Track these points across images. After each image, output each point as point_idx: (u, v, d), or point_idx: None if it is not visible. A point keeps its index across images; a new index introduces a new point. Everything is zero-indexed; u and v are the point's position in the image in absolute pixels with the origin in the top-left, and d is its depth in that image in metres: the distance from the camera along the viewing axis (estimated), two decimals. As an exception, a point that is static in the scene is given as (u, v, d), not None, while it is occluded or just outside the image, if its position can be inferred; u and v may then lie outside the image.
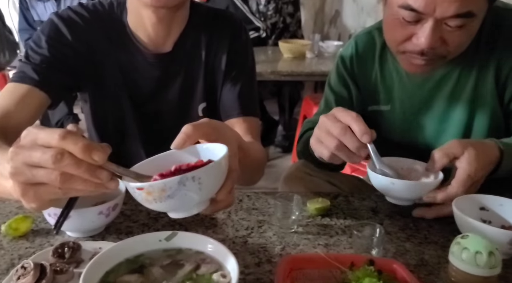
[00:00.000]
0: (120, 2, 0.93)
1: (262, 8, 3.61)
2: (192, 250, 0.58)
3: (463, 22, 0.77)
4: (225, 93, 0.96)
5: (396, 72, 0.98)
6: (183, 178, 0.48)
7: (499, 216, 0.75)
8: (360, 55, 1.02)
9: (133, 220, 0.78)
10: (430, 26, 0.77)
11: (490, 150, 0.76)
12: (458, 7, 0.74)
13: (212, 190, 0.53)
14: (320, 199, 0.83)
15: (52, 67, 0.85)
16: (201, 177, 0.49)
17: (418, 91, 0.95)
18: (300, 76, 2.47)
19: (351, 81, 1.03)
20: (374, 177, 0.79)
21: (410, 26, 0.80)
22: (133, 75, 0.93)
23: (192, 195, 0.50)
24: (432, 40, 0.78)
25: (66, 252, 0.62)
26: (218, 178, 0.53)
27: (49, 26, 0.89)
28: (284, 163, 2.93)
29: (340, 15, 4.11)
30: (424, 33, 0.78)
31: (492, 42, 0.88)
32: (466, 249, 0.56)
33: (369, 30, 1.04)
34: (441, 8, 0.74)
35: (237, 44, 0.97)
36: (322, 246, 0.72)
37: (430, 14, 0.76)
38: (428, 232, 0.77)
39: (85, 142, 0.45)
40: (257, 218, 0.80)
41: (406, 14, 0.78)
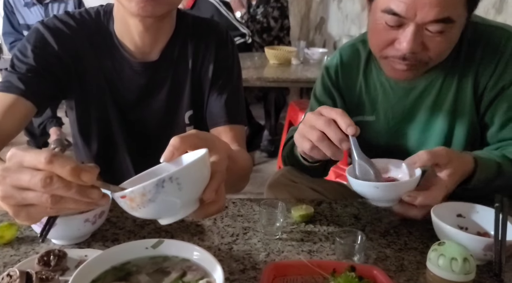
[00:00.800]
0: (106, 10, 0.93)
1: (252, 12, 3.67)
2: (178, 257, 0.59)
3: (443, 28, 0.80)
4: (212, 101, 0.97)
5: (380, 83, 1.01)
6: (160, 180, 0.48)
7: (475, 223, 0.78)
8: (344, 67, 1.05)
9: (119, 227, 0.78)
10: (412, 30, 0.80)
11: (467, 164, 0.79)
12: (438, 13, 0.77)
13: (193, 190, 0.53)
14: (304, 206, 0.85)
15: (37, 76, 0.85)
16: (179, 177, 0.49)
17: (401, 102, 0.98)
18: (286, 82, 2.50)
19: (336, 92, 1.05)
20: (355, 182, 0.78)
21: (392, 31, 0.83)
22: (119, 83, 0.94)
23: (173, 197, 0.50)
24: (413, 45, 0.81)
25: (52, 260, 0.62)
26: (198, 178, 0.53)
27: (35, 35, 0.88)
28: (269, 168, 2.95)
29: (325, 22, 4.17)
30: (405, 38, 0.81)
31: (471, 56, 0.91)
32: (443, 255, 0.59)
33: (354, 42, 1.07)
34: (422, 13, 0.78)
35: (223, 53, 0.98)
36: (306, 253, 0.74)
37: (411, 18, 0.79)
38: (408, 239, 0.79)
39: (72, 164, 0.44)
40: (242, 225, 0.82)
41: (389, 18, 0.81)
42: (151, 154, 0.97)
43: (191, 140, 0.57)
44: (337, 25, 3.81)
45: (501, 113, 0.90)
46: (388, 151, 1.03)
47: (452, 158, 0.76)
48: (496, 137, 0.92)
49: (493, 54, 0.89)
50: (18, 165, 0.46)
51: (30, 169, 0.45)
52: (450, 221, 0.75)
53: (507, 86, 0.88)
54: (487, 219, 0.76)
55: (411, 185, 0.77)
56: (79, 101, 0.95)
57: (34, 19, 3.00)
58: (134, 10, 0.80)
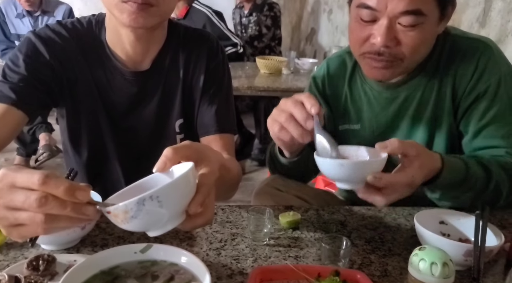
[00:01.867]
0: (98, 20, 0.94)
1: (244, 20, 3.72)
2: (167, 262, 0.61)
3: (414, 21, 0.83)
4: (203, 110, 0.99)
5: (364, 93, 1.04)
6: (141, 198, 0.49)
7: (457, 230, 0.80)
8: (331, 77, 1.08)
9: (108, 233, 0.79)
10: (384, 24, 0.83)
11: (435, 161, 0.80)
12: (407, 4, 0.81)
13: (175, 206, 0.53)
14: (291, 212, 0.87)
15: (29, 86, 0.85)
16: (159, 196, 0.50)
17: (385, 111, 1.01)
18: (276, 91, 2.52)
19: (322, 101, 1.08)
20: (321, 161, 0.74)
21: (367, 27, 0.87)
22: (110, 92, 0.95)
23: (155, 214, 0.51)
24: (386, 38, 0.84)
25: (41, 265, 0.63)
26: (180, 195, 0.53)
27: (27, 45, 0.89)
28: (260, 176, 2.96)
29: (316, 33, 4.23)
30: (379, 32, 0.84)
31: (450, 66, 0.94)
32: (423, 260, 0.61)
33: (340, 53, 1.10)
34: (392, 4, 0.82)
35: (214, 63, 1.00)
36: (293, 258, 0.75)
37: (383, 11, 0.83)
38: (392, 245, 0.81)
39: (66, 184, 0.45)
40: (230, 231, 0.83)
41: (363, 13, 0.85)
42: (141, 162, 0.98)
43: (184, 151, 0.58)
44: (327, 36, 3.87)
45: (474, 122, 0.92)
46: None
47: (421, 152, 0.76)
48: (470, 146, 0.95)
49: (469, 64, 0.92)
50: (10, 186, 0.46)
51: (23, 189, 0.45)
52: (432, 227, 0.78)
53: (481, 95, 0.91)
54: (469, 226, 0.78)
55: (377, 166, 0.74)
56: (70, 110, 0.96)
57: (25, 29, 3.04)
58: (125, 21, 0.81)
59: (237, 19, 3.81)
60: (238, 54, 3.25)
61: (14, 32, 3.07)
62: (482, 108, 0.91)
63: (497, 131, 0.91)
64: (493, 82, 0.90)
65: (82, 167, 1.01)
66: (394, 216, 0.92)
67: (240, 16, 3.78)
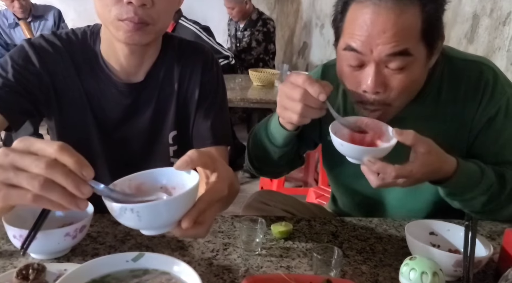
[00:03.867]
0: (93, 31, 0.95)
1: (239, 34, 3.76)
2: (159, 270, 0.60)
3: (402, 63, 0.79)
4: (198, 123, 0.99)
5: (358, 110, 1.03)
6: (123, 207, 0.50)
7: (447, 241, 0.81)
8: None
9: (99, 242, 0.79)
10: (373, 69, 0.80)
11: (444, 164, 0.81)
12: (393, 46, 0.77)
13: (158, 222, 0.53)
14: (283, 223, 0.87)
15: (13, 92, 0.84)
16: (139, 211, 0.50)
17: None
18: (269, 103, 2.55)
19: None
20: (332, 138, 0.80)
21: (356, 73, 0.83)
22: (103, 103, 0.94)
23: (136, 223, 0.52)
24: (376, 83, 0.80)
25: (31, 274, 0.62)
26: (165, 214, 0.52)
27: (19, 52, 0.89)
28: (252, 188, 2.96)
29: (308, 47, 4.28)
30: (367, 77, 0.80)
31: (454, 92, 0.91)
32: (414, 269, 0.61)
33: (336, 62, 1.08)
34: (377, 50, 0.78)
35: (208, 75, 1.00)
36: (284, 268, 0.76)
37: (369, 54, 0.79)
38: (383, 256, 0.82)
39: (79, 157, 0.49)
40: (222, 241, 0.83)
41: (350, 56, 0.81)
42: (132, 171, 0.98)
43: (205, 159, 0.58)
44: (319, 50, 3.92)
45: (490, 143, 0.92)
46: None
47: (432, 150, 0.77)
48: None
49: (476, 89, 0.90)
50: (25, 149, 0.49)
51: (36, 154, 0.48)
52: (423, 238, 0.79)
53: (492, 118, 0.91)
54: (458, 237, 0.79)
55: (375, 153, 0.77)
56: (59, 120, 0.95)
57: (19, 38, 3.04)
58: (121, 38, 0.82)
59: (232, 31, 3.85)
60: (230, 66, 3.28)
61: (11, 42, 3.08)
62: (496, 129, 0.91)
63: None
64: (503, 103, 0.90)
65: None
66: (385, 227, 0.93)
67: (235, 29, 3.82)
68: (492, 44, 1.51)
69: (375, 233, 0.90)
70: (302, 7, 4.53)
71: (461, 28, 1.69)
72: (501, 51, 1.47)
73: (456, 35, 1.71)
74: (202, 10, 4.51)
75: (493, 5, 1.51)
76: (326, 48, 3.66)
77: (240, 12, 3.61)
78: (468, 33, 1.65)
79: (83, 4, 4.73)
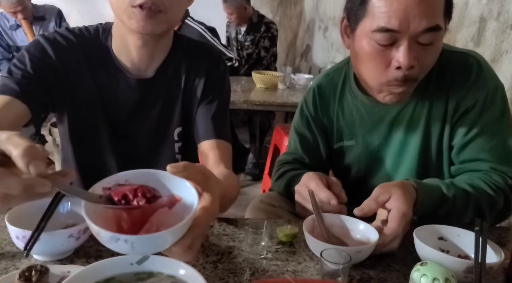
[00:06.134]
0: (105, 28, 0.96)
1: (241, 37, 3.75)
2: (163, 274, 0.59)
3: (433, 38, 0.81)
4: (200, 116, 0.99)
5: (356, 109, 1.03)
6: (114, 236, 0.47)
7: (456, 246, 0.80)
8: (321, 99, 1.08)
9: (102, 244, 0.77)
10: (406, 45, 0.81)
11: (409, 189, 0.82)
12: (429, 21, 0.79)
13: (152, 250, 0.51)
14: (289, 226, 0.86)
15: (32, 83, 0.87)
16: (134, 242, 0.47)
17: (377, 126, 1.01)
18: (272, 106, 2.53)
19: (314, 125, 1.09)
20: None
21: (385, 52, 0.83)
22: (112, 98, 0.95)
23: (126, 251, 0.49)
24: (410, 58, 0.81)
25: (33, 276, 0.61)
26: (160, 244, 0.50)
27: (35, 45, 0.91)
28: (254, 191, 2.95)
29: (311, 49, 4.28)
30: (401, 53, 0.81)
31: (442, 81, 0.94)
32: (425, 275, 0.60)
33: (327, 72, 1.10)
34: (414, 23, 0.79)
35: (214, 72, 1.01)
36: (291, 272, 0.74)
37: (405, 31, 0.80)
38: (391, 260, 0.80)
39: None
40: (227, 244, 0.82)
41: (381, 37, 0.82)
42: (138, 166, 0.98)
43: (199, 176, 0.56)
44: (322, 53, 3.91)
45: (461, 135, 0.93)
46: (367, 175, 1.06)
47: (390, 188, 0.80)
48: (457, 159, 0.96)
49: (461, 79, 0.92)
50: None
51: None
52: (431, 243, 0.77)
53: (469, 109, 0.92)
54: (467, 242, 0.78)
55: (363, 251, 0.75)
56: (71, 115, 0.96)
57: (21, 40, 3.04)
58: (134, 27, 0.83)
59: (233, 34, 3.84)
60: (233, 68, 3.27)
61: (12, 44, 3.08)
62: (470, 121, 0.92)
63: (483, 144, 0.92)
64: (481, 96, 0.91)
65: (80, 173, 1.00)
66: (392, 231, 0.92)
67: (236, 33, 3.81)
68: (499, 48, 1.50)
69: (382, 237, 0.89)
70: (305, 10, 4.53)
71: (467, 31, 1.68)
72: (509, 55, 1.45)
73: (462, 38, 1.70)
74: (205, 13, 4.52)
75: (500, 8, 1.50)
76: (330, 51, 3.65)
77: (239, 17, 3.61)
78: (475, 36, 1.64)
79: (86, 5, 4.74)
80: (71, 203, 0.77)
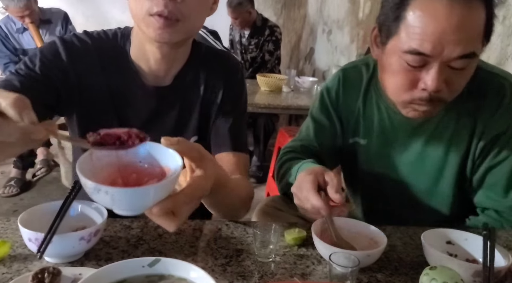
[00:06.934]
0: (124, 33, 0.95)
1: (245, 41, 3.76)
2: (175, 276, 0.60)
3: (466, 63, 0.78)
4: (217, 127, 0.99)
5: (378, 108, 1.01)
6: (97, 187, 0.51)
7: (464, 250, 0.80)
8: (346, 89, 1.05)
9: (112, 247, 0.78)
10: (436, 69, 0.77)
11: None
12: (464, 48, 0.75)
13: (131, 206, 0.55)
14: (297, 229, 0.86)
15: (37, 82, 0.85)
16: (114, 194, 0.52)
17: (396, 131, 0.99)
18: (277, 109, 2.54)
19: (334, 113, 1.06)
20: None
21: (414, 72, 0.80)
22: (127, 104, 0.94)
23: (107, 204, 0.54)
24: (439, 83, 0.78)
25: (46, 278, 0.61)
26: (138, 201, 0.55)
27: (49, 46, 0.90)
28: (258, 194, 2.95)
29: (315, 52, 4.28)
30: (430, 76, 0.78)
31: (473, 100, 0.91)
32: (434, 279, 0.60)
33: (356, 64, 1.06)
34: (448, 50, 0.75)
35: (232, 82, 1.00)
36: (299, 276, 0.75)
37: (437, 56, 0.77)
38: (398, 264, 0.81)
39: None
40: (235, 247, 0.82)
41: (411, 59, 0.79)
42: None
43: (194, 152, 0.61)
44: (326, 56, 3.92)
45: (488, 159, 0.92)
46: (380, 174, 1.05)
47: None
48: (480, 179, 0.95)
49: (493, 102, 0.90)
50: None
51: None
52: (439, 247, 0.77)
53: (501, 134, 0.90)
54: (475, 246, 0.78)
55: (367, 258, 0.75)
56: (80, 119, 0.95)
57: (27, 43, 3.06)
58: (152, 35, 0.82)
59: (237, 38, 3.85)
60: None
61: (19, 47, 3.10)
62: (500, 145, 0.91)
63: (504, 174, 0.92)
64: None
65: None
66: (399, 235, 0.92)
67: (240, 36, 3.82)
68: (505, 52, 1.50)
69: (389, 241, 0.88)
70: (309, 13, 4.54)
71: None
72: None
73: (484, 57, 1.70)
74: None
75: (506, 13, 1.51)
76: (334, 54, 3.66)
77: (244, 21, 3.62)
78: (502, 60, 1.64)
79: (91, 9, 4.76)
80: (81, 206, 0.78)
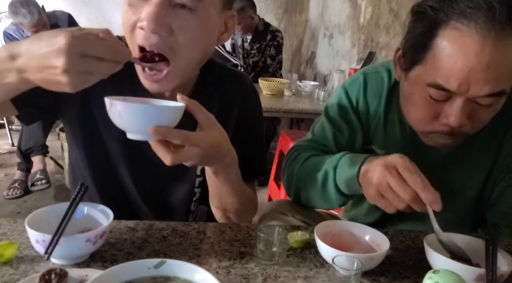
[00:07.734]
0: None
1: (247, 45, 3.78)
2: (180, 278, 0.60)
3: (494, 101, 0.74)
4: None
5: (399, 121, 0.97)
6: (112, 102, 0.63)
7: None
8: (367, 93, 0.99)
9: (118, 249, 0.79)
10: (460, 104, 0.74)
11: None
12: (492, 87, 0.71)
13: (133, 125, 0.65)
14: (299, 232, 0.87)
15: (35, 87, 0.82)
16: (120, 110, 0.63)
17: (417, 149, 0.94)
18: (278, 112, 2.55)
19: (354, 116, 1.01)
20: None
21: (437, 105, 0.77)
22: None
23: (118, 121, 0.64)
24: (462, 119, 0.75)
25: (53, 279, 0.62)
26: (143, 119, 0.64)
27: None
28: (259, 197, 2.89)
29: (316, 57, 4.30)
30: (453, 111, 0.75)
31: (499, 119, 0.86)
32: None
33: (378, 70, 1.01)
34: (475, 89, 0.71)
35: (247, 104, 1.00)
36: (302, 278, 0.75)
37: (463, 94, 0.73)
38: (401, 268, 0.81)
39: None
40: (239, 249, 0.83)
41: (435, 93, 0.75)
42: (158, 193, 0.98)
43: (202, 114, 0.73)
44: (327, 60, 3.93)
45: (508, 177, 0.92)
46: None
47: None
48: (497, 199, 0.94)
49: None
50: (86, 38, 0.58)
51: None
52: (442, 251, 0.78)
53: None
54: (478, 251, 0.78)
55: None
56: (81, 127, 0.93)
57: None
58: (146, 85, 0.80)
59: (239, 42, 3.87)
60: (239, 75, 3.30)
61: None
62: None
63: None
64: None
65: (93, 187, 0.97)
66: (401, 238, 0.93)
67: (242, 40, 3.84)
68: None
69: (391, 244, 0.89)
70: (310, 18, 4.56)
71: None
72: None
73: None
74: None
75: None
76: (335, 58, 3.67)
77: (246, 26, 3.65)
78: None
79: (93, 12, 4.79)
80: (87, 208, 0.79)
